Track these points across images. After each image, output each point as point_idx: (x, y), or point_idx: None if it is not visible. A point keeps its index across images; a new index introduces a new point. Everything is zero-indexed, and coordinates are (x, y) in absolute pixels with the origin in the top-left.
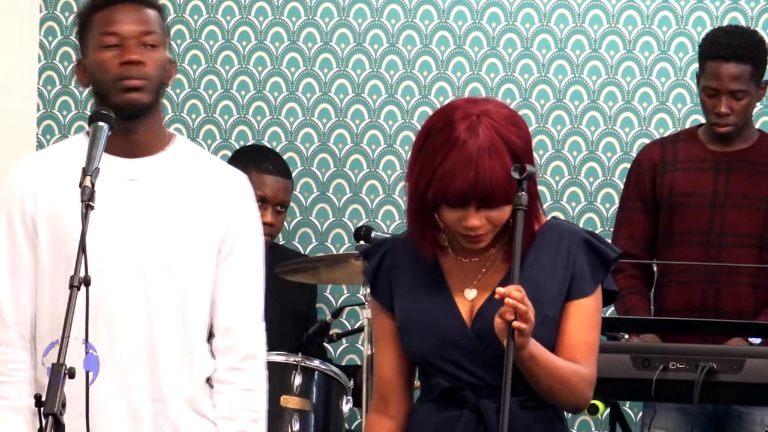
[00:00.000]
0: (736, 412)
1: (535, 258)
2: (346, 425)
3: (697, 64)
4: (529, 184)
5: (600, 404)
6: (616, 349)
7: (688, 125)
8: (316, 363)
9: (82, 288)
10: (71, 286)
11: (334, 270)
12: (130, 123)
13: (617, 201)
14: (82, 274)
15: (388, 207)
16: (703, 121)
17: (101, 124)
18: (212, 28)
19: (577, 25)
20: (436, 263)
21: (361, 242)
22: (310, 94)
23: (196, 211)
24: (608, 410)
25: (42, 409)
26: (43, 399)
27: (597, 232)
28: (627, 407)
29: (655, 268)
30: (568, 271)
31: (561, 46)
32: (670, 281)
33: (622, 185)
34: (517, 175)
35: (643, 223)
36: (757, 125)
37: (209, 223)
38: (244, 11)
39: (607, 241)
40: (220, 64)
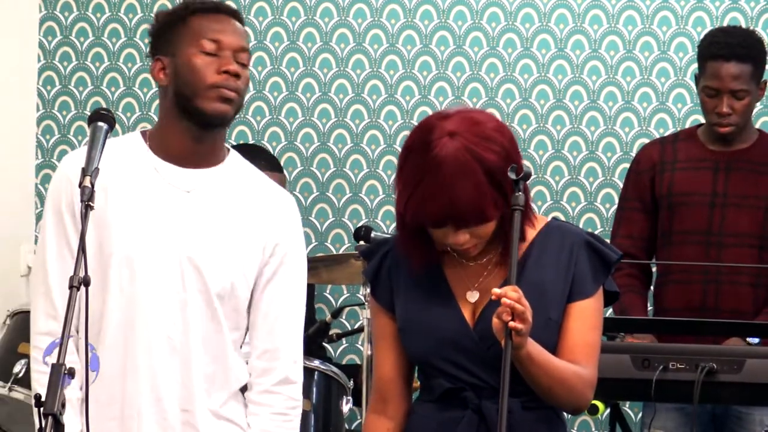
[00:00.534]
0: (736, 412)
1: (537, 260)
2: (346, 425)
3: (697, 65)
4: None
5: (600, 404)
6: (616, 349)
7: (688, 125)
8: (316, 363)
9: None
10: (71, 287)
11: (334, 270)
12: (205, 132)
13: (617, 201)
14: (81, 274)
15: (388, 207)
16: (702, 121)
17: (101, 124)
18: None
19: (577, 26)
20: (438, 265)
21: (361, 242)
22: (310, 94)
23: (242, 227)
24: (608, 410)
25: (41, 409)
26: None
27: (597, 233)
28: (627, 407)
29: (654, 268)
30: (569, 273)
31: (561, 46)
32: (670, 281)
33: (621, 185)
34: (513, 176)
35: (642, 222)
36: (757, 125)
37: (254, 240)
38: (243, 11)
39: (609, 243)
40: None
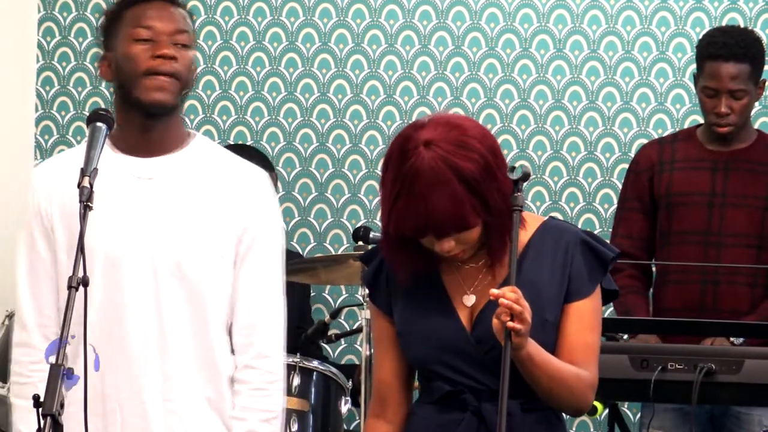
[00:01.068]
0: (735, 413)
1: (533, 260)
2: (345, 425)
3: (695, 65)
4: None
5: (599, 405)
6: (614, 349)
7: (687, 125)
8: (315, 363)
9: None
10: (69, 287)
11: (333, 270)
12: (151, 121)
13: (616, 201)
14: (80, 274)
15: None
16: (701, 121)
17: (99, 124)
18: (211, 29)
19: (576, 26)
20: (435, 269)
21: (360, 242)
22: (309, 95)
23: (213, 210)
24: (607, 411)
25: (40, 410)
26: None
27: (596, 233)
28: (626, 408)
29: (654, 268)
30: (565, 273)
31: (559, 46)
32: (668, 281)
33: (620, 186)
34: (512, 176)
35: (641, 222)
36: (757, 125)
37: (226, 221)
38: (242, 12)
39: (606, 241)
40: (218, 65)
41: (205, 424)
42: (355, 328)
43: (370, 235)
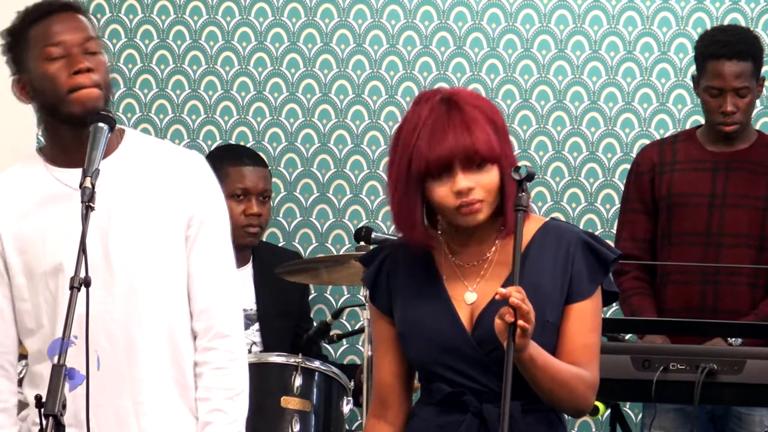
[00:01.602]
0: (736, 413)
1: (534, 262)
2: (347, 426)
3: (695, 66)
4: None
5: (601, 405)
6: (616, 350)
7: (689, 126)
8: (317, 364)
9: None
10: (71, 287)
11: (335, 271)
12: (82, 131)
13: (618, 202)
14: (82, 274)
15: (389, 208)
16: (703, 122)
17: (101, 125)
18: (212, 29)
19: (578, 26)
20: (435, 269)
21: (362, 243)
22: (311, 95)
23: (159, 203)
24: (609, 411)
25: (42, 410)
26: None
27: (597, 233)
28: (627, 408)
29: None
30: (566, 274)
31: (561, 47)
32: (669, 281)
33: (622, 186)
34: (517, 176)
35: (644, 224)
36: (757, 126)
37: (173, 212)
38: (244, 12)
39: (607, 242)
40: (220, 65)
41: (177, 418)
42: (356, 328)
43: (372, 236)
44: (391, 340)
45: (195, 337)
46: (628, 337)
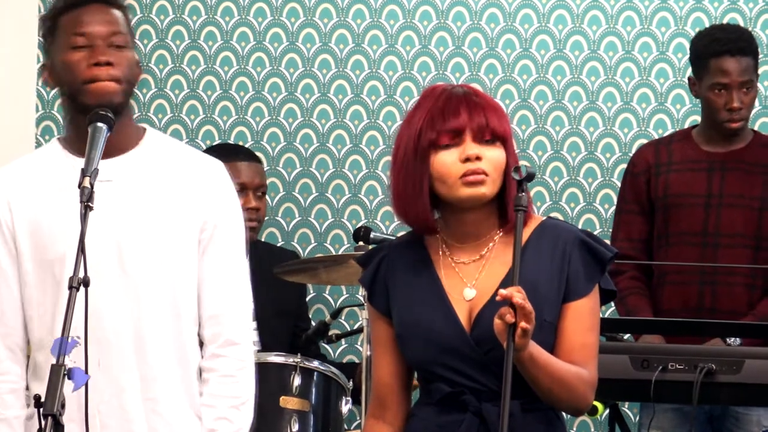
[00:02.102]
0: (734, 413)
1: (532, 260)
2: (345, 426)
3: (693, 67)
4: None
5: (599, 405)
6: (615, 349)
7: (687, 126)
8: (316, 364)
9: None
10: (71, 287)
11: (334, 271)
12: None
13: (616, 202)
14: (81, 274)
15: (388, 207)
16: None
17: (100, 125)
18: (211, 29)
19: (576, 26)
20: (432, 268)
21: (360, 243)
22: (309, 95)
23: (174, 205)
24: (607, 411)
25: (41, 410)
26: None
27: (596, 233)
28: (626, 408)
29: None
30: (563, 273)
31: (560, 47)
32: (666, 282)
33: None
34: (517, 177)
35: (641, 224)
36: (757, 126)
37: (187, 215)
38: (242, 12)
39: (604, 241)
40: (218, 65)
41: (184, 419)
42: (355, 328)
43: (371, 236)
44: (390, 341)
45: (200, 342)
46: (626, 337)
